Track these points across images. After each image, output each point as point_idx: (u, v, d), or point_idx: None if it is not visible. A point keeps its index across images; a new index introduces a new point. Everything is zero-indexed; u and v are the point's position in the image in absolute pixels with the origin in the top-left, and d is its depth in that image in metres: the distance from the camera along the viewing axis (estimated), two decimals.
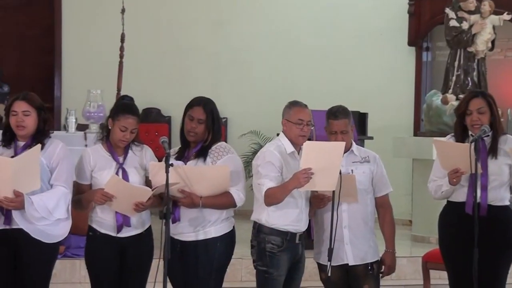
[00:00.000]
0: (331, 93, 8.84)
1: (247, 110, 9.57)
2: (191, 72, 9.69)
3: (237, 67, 9.74)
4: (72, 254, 6.16)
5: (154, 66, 9.63)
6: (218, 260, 4.52)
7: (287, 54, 9.72)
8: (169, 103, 9.55)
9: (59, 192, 4.35)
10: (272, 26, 9.80)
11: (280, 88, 9.29)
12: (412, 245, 7.63)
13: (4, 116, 4.46)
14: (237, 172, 4.54)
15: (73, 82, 9.43)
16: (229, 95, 9.32)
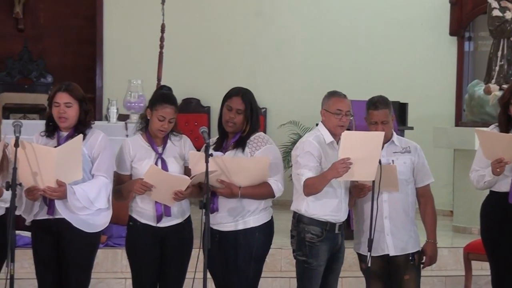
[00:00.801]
0: (371, 83, 8.81)
1: (286, 100, 9.54)
2: (230, 62, 9.69)
3: (276, 57, 9.71)
4: (113, 244, 6.19)
5: (193, 56, 9.65)
6: (257, 250, 4.52)
7: (326, 44, 9.66)
8: (209, 93, 9.56)
9: (100, 182, 4.38)
10: (311, 15, 9.75)
11: (319, 78, 9.24)
12: (454, 236, 7.56)
13: (47, 106, 4.52)
14: (276, 163, 4.53)
15: (114, 73, 9.49)
16: (268, 86, 9.30)
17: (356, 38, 9.58)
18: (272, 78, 9.61)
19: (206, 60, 9.67)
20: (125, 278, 5.88)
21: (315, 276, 4.57)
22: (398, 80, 9.23)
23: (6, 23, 9.69)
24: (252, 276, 4.54)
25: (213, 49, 9.68)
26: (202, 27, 9.71)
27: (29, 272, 5.25)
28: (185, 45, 9.49)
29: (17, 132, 4.14)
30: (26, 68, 9.68)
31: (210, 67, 9.65)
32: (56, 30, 9.86)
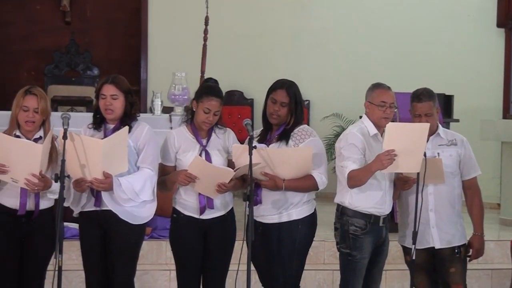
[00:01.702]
0: (416, 75, 8.73)
1: (330, 92, 9.51)
2: (274, 54, 9.69)
3: (319, 50, 9.68)
4: (158, 236, 6.23)
5: (237, 48, 9.66)
6: (300, 242, 4.52)
7: (370, 36, 9.60)
8: (252, 86, 9.57)
9: (145, 174, 4.41)
10: (354, 7, 9.70)
11: (363, 70, 9.18)
12: (500, 229, 7.48)
13: (95, 98, 4.56)
14: (320, 155, 4.53)
15: (159, 65, 9.55)
16: (311, 78, 9.28)
17: (401, 29, 9.50)
18: (315, 70, 9.58)
19: (249, 53, 9.67)
20: (170, 270, 5.93)
21: (358, 269, 4.56)
22: (444, 72, 9.15)
23: (53, 16, 9.80)
24: (295, 268, 4.55)
25: (256, 41, 9.68)
26: (245, 19, 9.72)
27: (77, 263, 5.34)
28: (229, 38, 9.51)
29: (65, 124, 4.19)
30: (73, 61, 9.76)
31: (253, 59, 9.65)
32: (102, 23, 9.94)
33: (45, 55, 9.71)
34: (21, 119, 4.34)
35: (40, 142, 4.36)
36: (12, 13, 9.67)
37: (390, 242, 4.75)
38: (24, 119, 4.33)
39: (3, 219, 4.37)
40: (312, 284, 6.10)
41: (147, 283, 5.92)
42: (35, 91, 4.38)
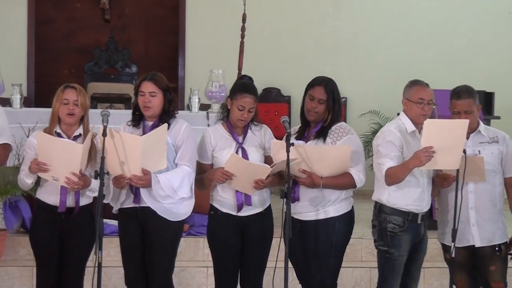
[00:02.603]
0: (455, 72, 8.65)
1: (366, 89, 9.47)
2: (311, 51, 9.66)
3: (356, 47, 9.64)
4: (195, 233, 6.24)
5: (274, 46, 9.66)
6: (337, 239, 4.52)
7: (408, 33, 9.53)
8: (289, 83, 9.56)
9: (183, 171, 4.43)
10: (392, 4, 9.63)
11: (400, 67, 9.13)
12: None
13: (134, 95, 4.59)
14: (357, 153, 4.51)
15: (196, 62, 9.58)
16: (348, 75, 9.24)
17: (439, 26, 9.42)
18: (352, 67, 9.54)
19: (287, 50, 9.66)
20: (207, 267, 5.94)
21: (397, 266, 4.54)
22: (484, 70, 9.05)
23: (93, 14, 9.87)
24: (333, 265, 4.54)
25: (293, 38, 9.67)
26: (282, 17, 9.71)
27: (116, 260, 5.39)
28: (266, 35, 9.51)
29: (105, 122, 4.23)
30: (112, 58, 9.81)
31: (290, 56, 9.64)
32: (140, 20, 9.99)
33: (85, 53, 9.79)
34: (62, 112, 4.39)
35: (80, 139, 4.41)
36: (53, 11, 9.76)
37: (429, 240, 4.72)
38: (65, 111, 4.37)
39: (44, 216, 4.44)
40: (349, 282, 6.08)
41: (184, 280, 5.95)
42: (74, 85, 4.45)
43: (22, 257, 5.94)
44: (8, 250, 5.91)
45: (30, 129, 5.53)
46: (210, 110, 6.85)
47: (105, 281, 5.31)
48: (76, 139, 4.43)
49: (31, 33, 9.49)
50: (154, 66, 8.12)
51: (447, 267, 4.71)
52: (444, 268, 4.85)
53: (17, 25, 9.39)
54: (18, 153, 5.38)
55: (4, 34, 9.30)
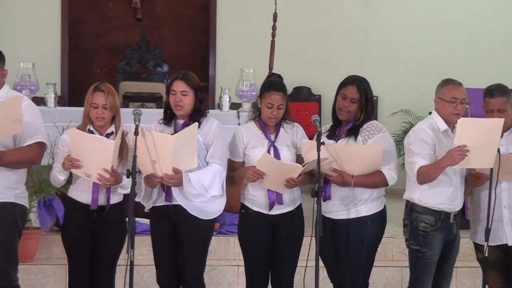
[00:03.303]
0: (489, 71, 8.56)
1: (398, 88, 9.43)
2: (341, 50, 9.64)
3: (387, 45, 9.60)
4: (226, 231, 6.26)
5: (305, 45, 9.65)
6: (369, 238, 4.50)
7: (439, 30, 9.46)
8: (319, 82, 9.55)
9: (214, 170, 4.45)
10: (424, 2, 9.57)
11: (432, 66, 9.07)
12: None
13: (165, 94, 4.61)
14: (389, 151, 4.49)
15: (227, 61, 9.60)
16: (379, 73, 9.20)
17: (472, 24, 9.34)
18: (383, 66, 9.51)
19: (317, 49, 9.65)
20: (238, 266, 5.96)
21: (428, 266, 4.51)
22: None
23: (125, 13, 9.93)
24: (364, 264, 4.53)
25: (324, 37, 9.65)
26: (313, 16, 9.70)
27: (147, 258, 5.42)
28: (297, 34, 9.51)
29: (136, 120, 4.25)
30: (144, 58, 9.86)
31: (321, 55, 9.63)
32: (171, 19, 10.03)
33: (117, 52, 9.85)
34: (92, 115, 4.43)
35: (112, 137, 4.44)
36: (86, 10, 9.84)
37: (461, 239, 4.69)
38: (95, 115, 4.42)
39: (76, 214, 4.48)
40: (380, 281, 6.06)
41: (215, 278, 5.97)
42: (103, 87, 4.46)
43: (55, 256, 6.00)
44: (42, 249, 5.98)
45: (64, 128, 5.59)
46: (241, 109, 6.87)
47: (137, 280, 5.36)
48: (108, 137, 4.46)
49: (64, 33, 9.58)
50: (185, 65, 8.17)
51: (480, 267, 4.68)
52: (476, 267, 4.82)
53: (51, 25, 9.49)
54: (52, 152, 5.43)
55: (39, 33, 9.40)
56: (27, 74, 6.74)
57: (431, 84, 4.69)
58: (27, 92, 6.51)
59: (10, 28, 9.26)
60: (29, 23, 9.37)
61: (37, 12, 9.42)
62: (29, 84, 6.69)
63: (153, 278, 4.70)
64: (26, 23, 9.36)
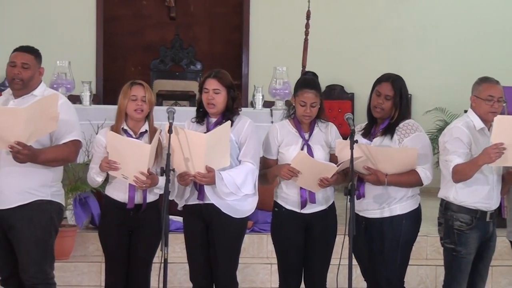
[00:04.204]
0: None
1: (432, 86, 9.36)
2: (375, 48, 9.60)
3: (421, 43, 9.54)
4: (259, 229, 6.26)
5: (338, 43, 9.62)
6: (404, 237, 4.48)
7: (474, 28, 9.38)
8: (352, 80, 9.51)
9: (247, 168, 4.44)
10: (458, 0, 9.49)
11: (467, 64, 8.99)
12: None
13: (198, 93, 4.62)
14: (425, 151, 4.46)
15: (260, 59, 9.61)
16: (412, 72, 9.13)
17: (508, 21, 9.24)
18: (417, 64, 9.44)
19: (350, 47, 9.62)
20: (271, 264, 5.97)
21: (464, 265, 4.48)
22: None
23: (159, 12, 9.97)
24: (399, 263, 4.50)
25: (357, 35, 9.62)
26: (346, 14, 9.67)
27: (181, 256, 5.46)
28: (330, 32, 9.48)
29: (170, 119, 4.27)
30: (177, 56, 9.89)
31: (354, 53, 9.59)
32: (205, 17, 10.05)
33: (151, 50, 9.90)
34: (130, 108, 4.44)
35: (146, 136, 4.47)
36: (120, 8, 9.91)
37: (497, 238, 4.64)
38: (133, 107, 4.43)
39: (113, 212, 4.51)
40: (414, 280, 6.03)
41: (248, 276, 5.98)
42: (141, 81, 4.51)
43: (91, 253, 6.05)
44: (78, 246, 6.03)
45: (98, 126, 5.64)
46: (274, 107, 6.87)
47: (171, 277, 5.38)
48: (142, 135, 4.49)
49: (99, 31, 9.66)
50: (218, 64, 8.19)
51: None
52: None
53: (86, 23, 9.57)
54: (88, 149, 5.48)
55: (74, 31, 9.48)
56: (63, 72, 6.80)
57: (466, 82, 4.64)
58: (63, 90, 6.58)
59: (46, 27, 9.36)
60: (65, 22, 9.46)
61: (72, 10, 9.50)
62: (65, 82, 6.76)
63: (187, 276, 4.71)
64: (62, 21, 9.46)
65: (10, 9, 9.37)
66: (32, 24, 9.30)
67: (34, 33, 8.98)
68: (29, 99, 4.32)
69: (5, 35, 8.98)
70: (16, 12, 9.37)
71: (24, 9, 9.38)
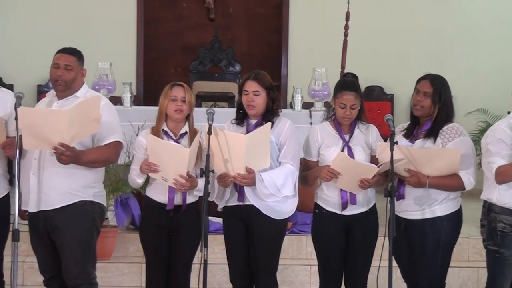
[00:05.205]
0: None
1: (474, 87, 9.26)
2: (415, 49, 9.53)
3: (462, 44, 9.45)
4: (298, 231, 6.25)
5: (377, 44, 9.57)
6: (445, 239, 4.44)
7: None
8: (392, 81, 9.46)
9: (287, 170, 4.44)
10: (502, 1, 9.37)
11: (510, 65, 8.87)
12: None
13: (237, 94, 4.64)
14: (468, 155, 4.41)
15: (299, 61, 9.60)
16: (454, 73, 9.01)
17: None
18: (458, 65, 9.36)
19: (390, 48, 9.57)
20: (310, 265, 5.96)
21: (507, 267, 4.43)
22: None
23: (198, 13, 10.02)
24: (441, 264, 4.46)
25: (397, 35, 9.56)
26: (385, 14, 9.62)
27: (220, 257, 5.48)
28: (369, 33, 9.44)
29: (210, 120, 4.29)
30: (216, 57, 9.93)
31: (393, 54, 9.54)
32: (244, 19, 10.07)
33: (190, 52, 9.95)
34: (170, 109, 4.47)
35: (185, 137, 4.50)
36: (161, 10, 9.98)
37: None
38: (173, 108, 4.46)
39: (153, 213, 4.54)
40: (455, 282, 5.98)
41: (287, 278, 5.98)
42: (181, 83, 4.55)
43: (131, 254, 6.09)
44: (119, 247, 6.08)
45: (139, 127, 5.69)
46: (313, 108, 6.86)
47: (210, 278, 5.40)
48: (182, 137, 4.51)
49: (140, 33, 9.74)
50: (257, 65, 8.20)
51: None
52: None
53: (127, 25, 9.66)
54: (128, 151, 5.53)
55: (115, 33, 9.58)
56: (104, 74, 6.87)
57: (509, 82, 4.60)
58: (104, 91, 6.65)
59: (88, 29, 9.47)
60: (107, 24, 9.56)
61: (114, 13, 9.61)
62: (106, 83, 6.83)
63: (226, 277, 4.73)
64: (104, 23, 9.56)
65: (53, 11, 9.50)
66: (74, 26, 9.42)
67: (76, 35, 9.08)
68: (72, 100, 4.37)
69: (48, 37, 9.11)
70: (58, 14, 9.49)
71: (66, 11, 9.50)
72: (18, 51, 9.41)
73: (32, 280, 5.69)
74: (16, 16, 9.48)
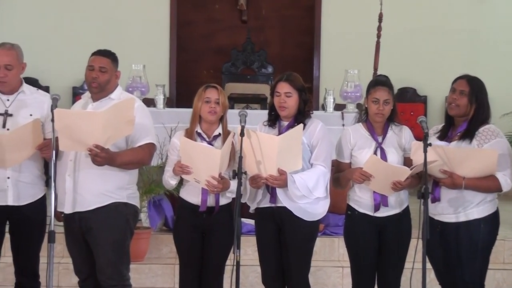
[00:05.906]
0: None
1: (510, 88, 9.15)
2: (449, 51, 9.47)
3: (498, 46, 9.36)
4: (331, 232, 6.24)
5: (410, 45, 9.53)
6: (482, 241, 4.39)
7: None
8: (425, 83, 9.40)
9: (318, 171, 4.45)
10: None
11: None
12: None
13: (269, 96, 4.65)
14: (505, 156, 4.36)
15: (331, 62, 9.59)
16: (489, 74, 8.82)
17: None
18: (493, 65, 9.26)
19: (423, 49, 9.51)
20: (342, 267, 5.94)
21: None
22: None
23: (231, 15, 10.06)
24: (479, 267, 4.43)
25: (430, 37, 9.51)
26: (419, 16, 9.57)
27: (252, 259, 5.49)
28: (402, 34, 9.39)
29: (242, 122, 4.31)
30: (248, 59, 9.96)
31: (427, 56, 9.48)
32: (276, 21, 10.09)
33: (223, 54, 9.99)
34: (204, 111, 4.49)
35: (219, 139, 4.51)
36: (193, 12, 10.03)
37: None
38: (207, 110, 4.48)
39: (186, 214, 4.56)
40: (490, 284, 5.90)
41: (320, 279, 5.97)
42: (215, 85, 4.57)
43: (164, 255, 6.12)
44: (152, 248, 6.11)
45: (172, 129, 5.72)
46: (345, 110, 6.84)
47: (242, 279, 5.41)
48: (215, 138, 4.53)
49: (173, 35, 9.80)
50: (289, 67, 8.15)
51: None
52: None
53: (160, 27, 9.73)
54: (161, 152, 5.57)
55: (149, 36, 9.66)
56: (138, 76, 6.93)
57: None
58: (138, 93, 6.70)
59: (122, 31, 9.55)
60: (140, 26, 9.64)
61: (147, 15, 9.68)
62: (140, 85, 6.88)
63: (258, 278, 4.74)
64: (137, 25, 9.64)
65: (88, 14, 9.60)
66: (108, 28, 9.51)
67: (110, 37, 9.17)
68: (107, 102, 4.41)
69: (82, 39, 9.21)
70: (93, 17, 9.59)
71: (101, 14, 9.60)
72: (54, 53, 9.53)
73: (67, 281, 5.74)
74: (52, 18, 9.60)
